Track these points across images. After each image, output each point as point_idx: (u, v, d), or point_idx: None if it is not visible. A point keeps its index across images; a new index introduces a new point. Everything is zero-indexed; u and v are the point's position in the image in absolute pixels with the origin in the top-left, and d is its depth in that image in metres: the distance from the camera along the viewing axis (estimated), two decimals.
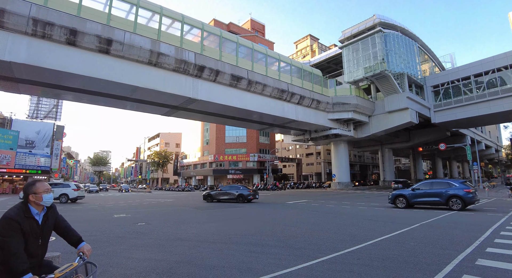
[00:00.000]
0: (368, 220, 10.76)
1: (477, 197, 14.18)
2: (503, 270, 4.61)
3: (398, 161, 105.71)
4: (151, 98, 23.92)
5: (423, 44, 44.68)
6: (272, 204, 19.50)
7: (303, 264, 5.15)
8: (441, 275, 4.45)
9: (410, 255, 5.68)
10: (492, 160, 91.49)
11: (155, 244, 7.15)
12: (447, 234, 7.69)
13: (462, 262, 5.09)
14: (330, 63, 48.52)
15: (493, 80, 35.89)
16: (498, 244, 6.43)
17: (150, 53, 20.69)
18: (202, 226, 10.08)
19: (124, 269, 5.03)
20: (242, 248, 6.51)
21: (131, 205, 20.18)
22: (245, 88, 27.26)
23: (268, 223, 10.40)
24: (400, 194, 15.66)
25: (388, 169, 54.13)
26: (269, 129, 41.48)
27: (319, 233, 8.24)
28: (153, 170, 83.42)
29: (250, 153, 56.76)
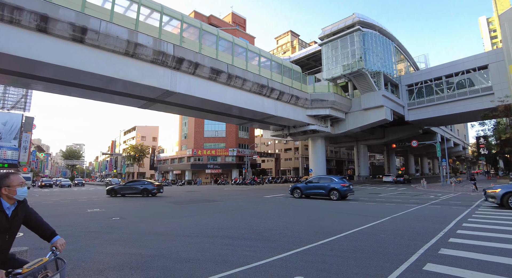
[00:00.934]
0: (342, 213, 11.12)
1: (351, 191, 17.50)
2: (463, 258, 4.96)
3: (373, 157, 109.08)
4: (127, 90, 23.25)
5: (400, 44, 46.08)
6: (250, 198, 19.65)
7: (278, 256, 5.29)
8: (407, 264, 4.72)
9: (380, 246, 5.97)
10: (459, 157, 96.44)
11: (129, 238, 7.06)
12: (415, 226, 8.10)
13: (426, 252, 5.42)
14: (309, 60, 49.06)
15: (462, 82, 37.73)
16: (460, 235, 6.86)
17: (127, 43, 20.07)
18: (178, 220, 10.04)
19: (97, 264, 4.96)
20: (218, 241, 6.57)
21: (105, 200, 19.69)
22: (224, 82, 27.08)
23: (245, 217, 10.51)
24: (297, 187, 19.16)
25: (363, 164, 55.79)
26: (249, 124, 41.52)
27: (294, 226, 8.45)
28: (128, 164, 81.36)
29: (229, 148, 56.60)
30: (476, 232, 7.11)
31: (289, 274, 4.32)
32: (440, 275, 4.15)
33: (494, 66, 34.93)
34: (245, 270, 4.56)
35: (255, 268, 4.63)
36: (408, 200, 16.51)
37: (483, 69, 36.11)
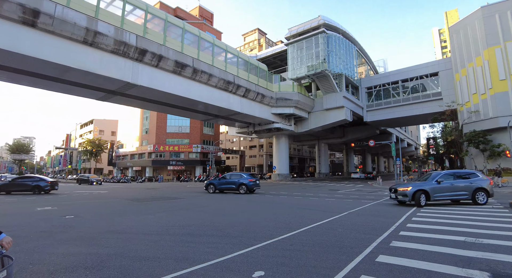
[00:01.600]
0: (303, 209, 11.47)
1: (257, 185, 20.15)
2: (412, 249, 5.36)
3: (333, 155, 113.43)
4: (85, 80, 21.87)
5: (361, 48, 48.25)
6: (212, 195, 19.52)
7: (239, 252, 5.33)
8: (361, 256, 5.00)
9: (337, 240, 6.25)
10: (412, 156, 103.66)
11: (84, 237, 6.71)
12: (370, 221, 8.59)
13: (379, 244, 5.78)
14: (276, 59, 49.65)
15: (416, 86, 40.55)
16: (409, 228, 7.40)
17: (86, 31, 18.86)
18: (137, 218, 9.71)
19: (47, 266, 4.66)
20: (180, 239, 6.47)
21: (58, 197, 18.46)
22: (189, 77, 26.54)
23: (207, 214, 10.44)
24: (211, 183, 20.97)
25: (323, 162, 57.81)
26: (214, 120, 41.13)
27: (257, 222, 8.56)
28: (85, 159, 76.80)
29: (193, 144, 55.58)
30: (424, 226, 7.71)
31: (250, 269, 4.39)
32: (391, 266, 4.46)
33: (444, 73, 37.94)
34: (206, 266, 4.55)
35: (216, 265, 4.63)
36: (365, 196, 17.42)
37: (434, 76, 39.09)
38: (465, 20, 34.29)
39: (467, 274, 4.08)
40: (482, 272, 4.14)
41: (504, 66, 29.77)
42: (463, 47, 34.18)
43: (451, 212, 10.12)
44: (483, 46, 31.44)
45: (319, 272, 4.24)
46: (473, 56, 32.76)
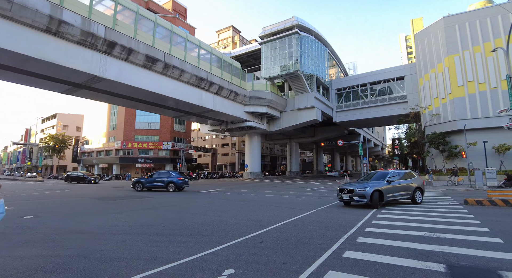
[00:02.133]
0: (273, 206, 11.61)
1: (186, 183, 20.92)
2: (376, 244, 5.61)
3: (304, 154, 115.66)
4: (48, 72, 20.57)
5: (332, 50, 49.56)
6: (183, 193, 19.21)
7: (210, 250, 5.30)
8: (329, 252, 5.16)
9: (306, 236, 6.40)
10: (378, 156, 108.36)
11: (45, 239, 6.34)
12: (338, 218, 8.88)
13: (346, 241, 5.99)
14: (249, 57, 49.71)
15: (383, 89, 42.39)
16: (375, 225, 7.73)
17: (49, 19, 17.74)
18: (103, 217, 9.34)
19: (2, 270, 4.35)
20: (148, 238, 6.31)
21: (15, 196, 17.28)
22: (160, 72, 25.88)
23: (177, 213, 10.26)
24: (139, 181, 21.22)
25: (294, 160, 58.85)
26: (186, 117, 40.43)
27: (228, 220, 8.54)
28: (46, 156, 72.33)
29: (163, 141, 54.23)
30: (387, 222, 8.09)
31: (220, 268, 4.38)
32: (356, 261, 4.64)
33: (409, 78, 39.97)
34: (175, 266, 4.47)
35: (185, 264, 4.57)
36: (333, 194, 17.93)
37: (400, 79, 41.07)
38: (429, 29, 36.32)
39: (425, 266, 4.35)
40: (439, 264, 4.43)
41: (462, 73, 31.92)
42: (427, 54, 36.20)
43: (410, 210, 10.69)
44: (444, 54, 33.48)
45: (288, 268, 4.33)
46: (435, 63, 34.80)
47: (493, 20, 31.39)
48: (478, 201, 11.85)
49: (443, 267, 4.31)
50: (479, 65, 31.35)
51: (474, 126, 29.94)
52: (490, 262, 4.54)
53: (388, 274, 4.05)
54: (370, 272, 4.13)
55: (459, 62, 32.25)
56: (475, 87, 31.28)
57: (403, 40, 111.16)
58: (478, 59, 31.49)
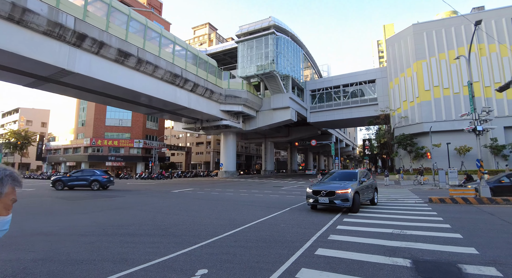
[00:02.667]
0: (248, 205, 11.63)
1: (111, 182, 20.98)
2: (347, 242, 5.77)
3: (278, 153, 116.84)
4: (10, 63, 19.28)
5: (308, 52, 50.40)
6: (156, 193, 18.78)
7: (183, 250, 5.21)
8: (302, 250, 5.25)
9: (280, 235, 6.47)
10: (349, 156, 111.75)
11: (4, 242, 5.93)
12: (311, 216, 9.05)
13: (318, 238, 6.12)
14: (226, 55, 49.41)
15: (356, 91, 43.73)
16: (346, 222, 7.95)
17: (12, 6, 16.63)
18: (70, 217, 8.93)
19: None
20: (118, 239, 6.10)
21: None
22: (133, 67, 25.09)
23: (149, 212, 10.01)
24: (59, 179, 20.67)
25: (269, 160, 59.31)
26: (159, 114, 39.50)
27: (201, 220, 8.45)
28: (7, 152, 67.77)
29: (135, 139, 52.63)
30: (358, 220, 8.36)
31: (193, 268, 4.32)
32: (328, 258, 4.76)
33: (380, 81, 41.51)
34: (147, 267, 4.36)
35: (158, 265, 4.47)
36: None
37: (372, 82, 42.55)
38: (400, 35, 37.92)
39: (393, 262, 4.54)
40: (405, 259, 4.65)
41: (428, 78, 33.64)
42: (397, 59, 37.79)
43: (378, 208, 11.11)
44: (412, 59, 35.11)
45: (262, 267, 4.35)
46: (405, 68, 36.42)
47: (457, 29, 33.34)
48: (441, 199, 12.54)
49: (409, 262, 4.52)
50: (444, 71, 33.20)
51: (439, 129, 31.70)
52: (451, 256, 4.82)
53: (358, 270, 4.19)
54: (341, 269, 4.25)
55: (426, 67, 33.96)
56: (440, 92, 33.09)
57: (375, 45, 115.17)
58: (443, 65, 33.33)
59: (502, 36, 31.61)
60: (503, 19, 31.98)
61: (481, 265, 4.34)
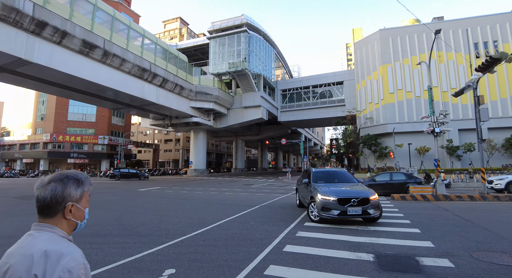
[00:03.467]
0: (218, 204, 11.56)
1: None
2: (314, 238, 5.93)
3: (249, 152, 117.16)
4: None
5: (279, 52, 50.93)
6: (121, 192, 18.11)
7: (149, 250, 5.08)
8: (270, 247, 5.31)
9: (249, 233, 6.50)
10: (317, 154, 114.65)
11: None
12: (279, 213, 9.18)
13: (287, 235, 6.23)
14: (197, 51, 48.60)
15: (324, 92, 44.93)
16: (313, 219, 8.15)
17: None
18: (26, 218, 8.37)
19: None
20: (80, 240, 5.80)
21: None
22: (99, 60, 23.93)
23: (114, 212, 9.64)
24: None
25: (240, 158, 59.31)
26: (125, 110, 38.04)
27: (169, 219, 8.27)
28: None
29: (100, 135, 50.28)
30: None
31: (161, 268, 4.22)
32: (296, 254, 4.86)
33: (348, 83, 42.96)
34: (110, 268, 4.19)
35: (123, 266, 4.31)
36: (275, 190, 18.50)
37: (340, 84, 43.92)
38: (367, 39, 39.46)
39: (357, 257, 4.73)
40: (368, 254, 4.86)
41: (393, 82, 35.35)
42: (364, 62, 39.30)
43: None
44: (379, 63, 36.70)
45: (231, 265, 4.35)
46: (371, 71, 37.98)
47: (419, 37, 35.33)
48: (402, 196, 13.26)
49: (372, 256, 4.74)
50: (407, 76, 35.06)
51: (401, 130, 33.45)
52: (410, 250, 5.12)
53: (324, 266, 4.32)
54: (308, 265, 4.36)
55: (391, 71, 35.65)
56: (403, 95, 34.90)
57: (344, 48, 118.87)
58: (406, 70, 35.18)
59: (458, 45, 33.97)
60: (459, 30, 34.37)
61: (436, 257, 4.66)
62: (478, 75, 12.19)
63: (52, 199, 1.07)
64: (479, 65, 11.51)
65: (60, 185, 1.10)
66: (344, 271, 4.12)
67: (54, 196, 1.08)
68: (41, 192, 1.10)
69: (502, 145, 30.90)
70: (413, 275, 3.95)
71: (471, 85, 12.43)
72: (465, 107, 32.77)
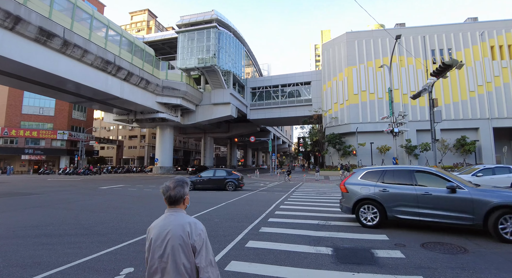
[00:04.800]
0: None
1: None
2: (277, 233, 6.05)
3: (218, 149, 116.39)
4: None
5: (249, 49, 50.94)
6: (81, 190, 17.24)
7: (107, 250, 4.91)
8: (233, 243, 5.36)
9: (212, 229, 6.49)
10: (285, 152, 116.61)
11: None
12: (244, 210, 9.25)
13: (250, 231, 6.31)
14: (165, 45, 47.25)
15: (293, 92, 45.73)
16: (276, 215, 8.30)
17: None
18: None
19: None
20: (32, 241, 5.47)
21: None
22: (58, 49, 22.48)
23: (72, 211, 9.17)
24: None
25: (208, 155, 58.72)
26: (88, 104, 36.12)
27: (131, 217, 8.03)
28: None
29: (59, 130, 47.28)
30: (289, 212, 8.79)
31: (118, 267, 4.11)
32: (258, 250, 4.94)
33: (315, 83, 44.03)
34: (64, 270, 4.01)
35: (77, 266, 4.14)
36: (242, 187, 18.56)
37: (308, 84, 44.90)
38: (334, 41, 40.65)
39: (316, 250, 4.91)
40: (327, 248, 5.07)
41: (357, 83, 36.77)
42: (331, 63, 40.48)
43: (308, 201, 11.85)
44: (344, 65, 37.98)
45: None
46: (337, 72, 39.21)
47: (383, 41, 37.04)
48: None
49: (331, 250, 4.94)
50: (371, 78, 36.63)
51: (364, 130, 34.96)
52: (366, 243, 5.40)
53: (285, 260, 4.44)
54: (269, 260, 4.46)
55: (356, 73, 37.05)
56: (366, 96, 36.43)
57: (313, 48, 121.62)
58: (370, 72, 36.74)
59: (418, 51, 36.09)
60: (419, 37, 36.50)
61: (389, 249, 4.97)
62: (432, 80, 13.05)
63: (177, 196, 1.85)
64: (433, 71, 12.33)
65: (181, 188, 1.87)
66: (303, 264, 4.27)
67: (179, 195, 1.85)
68: (171, 193, 1.84)
69: (454, 145, 33.35)
70: (368, 266, 4.19)
71: (427, 89, 13.28)
72: (423, 110, 34.92)
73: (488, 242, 5.43)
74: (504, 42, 34.60)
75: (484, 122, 33.73)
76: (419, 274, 3.89)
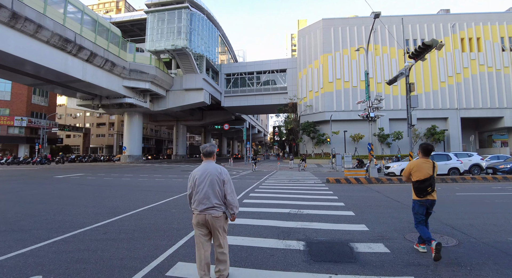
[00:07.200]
0: (142, 191, 10.27)
1: None
2: (242, 225, 5.15)
3: (192, 138, 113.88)
4: None
5: (224, 34, 49.07)
6: (30, 179, 15.53)
7: (20, 250, 3.82)
8: (186, 238, 4.42)
9: (165, 222, 5.52)
10: (261, 142, 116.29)
11: None
12: None
13: None
14: (134, 26, 44.40)
15: (268, 80, 44.76)
16: (245, 204, 7.41)
17: None
18: None
19: None
20: None
21: None
22: (6, 23, 20.00)
23: (4, 202, 7.84)
24: None
25: (181, 144, 56.90)
26: (48, 87, 33.22)
27: (73, 209, 6.85)
28: None
29: (16, 116, 43.48)
30: (258, 200, 7.97)
31: (23, 274, 3.06)
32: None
33: (290, 71, 43.28)
34: None
35: None
36: None
37: (283, 72, 44.07)
38: (311, 27, 39.86)
39: (286, 245, 4.09)
40: (299, 242, 4.26)
41: (332, 71, 36.40)
42: (307, 50, 39.76)
43: (280, 188, 11.11)
44: (320, 52, 37.41)
45: (126, 265, 3.35)
46: (313, 59, 38.60)
47: (359, 29, 36.78)
48: (337, 179, 13.39)
49: (303, 244, 4.14)
50: (346, 66, 36.37)
51: (338, 118, 34.82)
52: (344, 234, 4.66)
53: (245, 260, 3.57)
54: None
55: (331, 61, 36.62)
56: (341, 85, 36.22)
57: (289, 37, 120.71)
58: (345, 60, 36.45)
59: (392, 40, 36.16)
60: (394, 26, 36.54)
61: (371, 242, 4.24)
62: (410, 63, 12.59)
63: (210, 151, 3.05)
64: (412, 52, 11.82)
65: (213, 147, 3.09)
66: (268, 265, 3.41)
67: (212, 150, 3.08)
68: (207, 149, 3.04)
69: (424, 134, 34.09)
70: (347, 265, 3.41)
71: (404, 73, 12.82)
72: (396, 99, 35.27)
73: (472, 229, 4.87)
74: (473, 34, 35.43)
75: (452, 112, 34.65)
76: (409, 274, 3.15)
